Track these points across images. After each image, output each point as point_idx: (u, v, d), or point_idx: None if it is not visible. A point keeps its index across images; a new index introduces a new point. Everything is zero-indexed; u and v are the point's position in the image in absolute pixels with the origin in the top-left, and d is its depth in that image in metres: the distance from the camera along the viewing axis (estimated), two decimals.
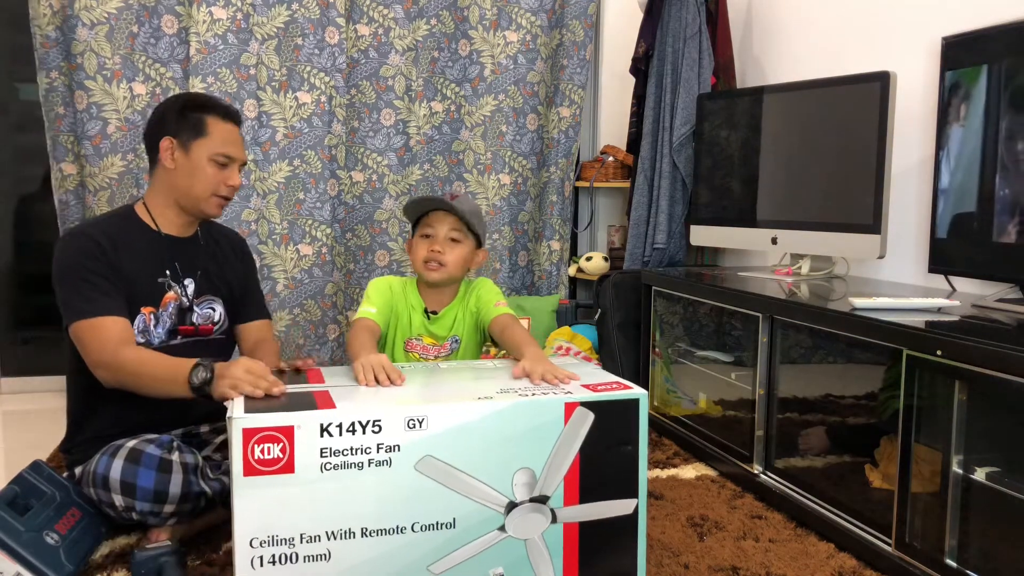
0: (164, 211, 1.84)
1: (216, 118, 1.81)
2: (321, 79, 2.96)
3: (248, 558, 1.23)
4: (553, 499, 1.37)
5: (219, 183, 1.81)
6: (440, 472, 1.30)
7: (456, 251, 1.85)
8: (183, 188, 1.81)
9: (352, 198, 3.13)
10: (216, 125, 1.80)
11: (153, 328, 1.78)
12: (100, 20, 2.72)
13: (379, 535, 1.29)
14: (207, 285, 1.89)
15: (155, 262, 1.80)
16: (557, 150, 3.33)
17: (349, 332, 1.78)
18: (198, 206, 1.83)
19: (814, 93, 2.32)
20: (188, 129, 1.78)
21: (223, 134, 1.81)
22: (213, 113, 1.81)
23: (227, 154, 1.81)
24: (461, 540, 1.33)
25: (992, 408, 1.45)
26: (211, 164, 1.79)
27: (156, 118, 1.82)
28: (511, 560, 1.36)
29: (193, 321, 1.85)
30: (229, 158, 1.82)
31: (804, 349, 1.95)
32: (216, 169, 1.80)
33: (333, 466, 1.25)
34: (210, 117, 1.80)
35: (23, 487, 1.59)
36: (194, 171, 1.79)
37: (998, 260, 1.76)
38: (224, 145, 1.81)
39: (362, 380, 1.46)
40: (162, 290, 1.80)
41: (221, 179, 1.81)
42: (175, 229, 1.86)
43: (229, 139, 1.82)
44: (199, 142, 1.79)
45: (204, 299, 1.88)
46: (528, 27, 3.21)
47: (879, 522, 1.66)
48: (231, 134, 1.83)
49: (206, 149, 1.79)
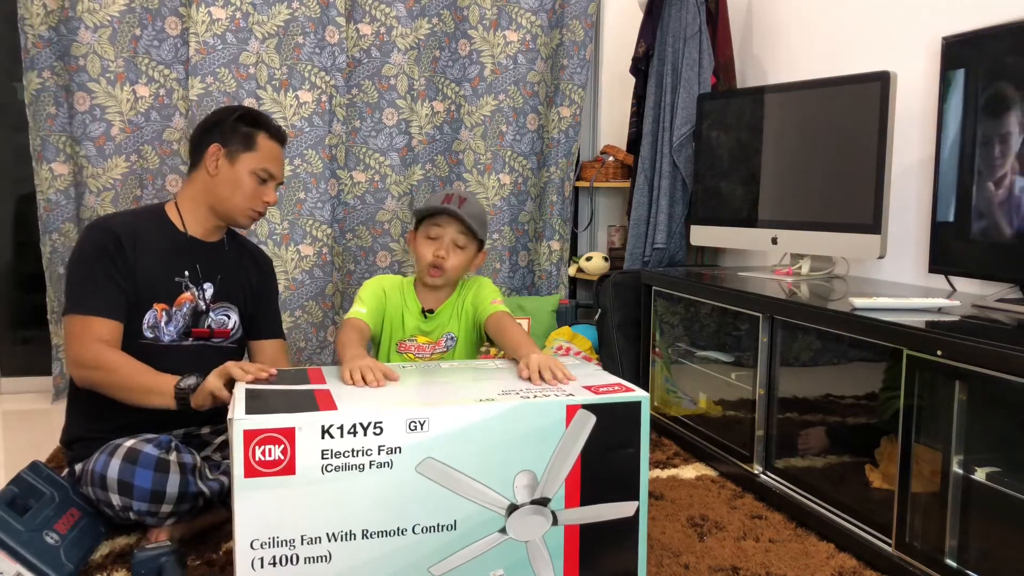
0: (195, 213, 1.86)
1: (266, 136, 1.86)
2: (321, 78, 2.95)
3: (249, 559, 1.23)
4: (554, 501, 1.37)
5: (256, 197, 1.86)
6: (441, 474, 1.30)
7: (459, 257, 1.88)
8: (220, 196, 1.84)
9: (353, 198, 3.13)
10: (265, 142, 1.85)
11: (164, 325, 1.79)
12: (103, 23, 2.73)
13: (380, 537, 1.29)
14: (224, 292, 1.89)
15: (175, 261, 1.82)
16: (557, 150, 3.33)
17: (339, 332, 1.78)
18: (232, 216, 1.87)
19: (814, 93, 2.32)
20: (238, 141, 1.83)
21: (270, 152, 1.86)
22: (265, 130, 1.86)
23: (270, 171, 1.86)
24: (462, 542, 1.33)
25: (992, 408, 1.45)
26: (252, 178, 1.84)
27: (209, 123, 1.86)
28: (512, 562, 1.36)
29: (208, 325, 1.86)
30: (271, 175, 1.87)
31: (804, 349, 1.95)
32: (256, 184, 1.85)
33: (334, 468, 1.25)
34: (261, 134, 1.85)
35: (22, 488, 1.60)
36: (235, 182, 1.83)
37: (998, 260, 1.76)
38: (268, 162, 1.86)
39: (348, 383, 1.47)
40: (179, 289, 1.81)
41: (259, 194, 1.86)
42: (202, 232, 1.87)
43: (274, 157, 1.87)
44: (246, 155, 1.83)
45: (220, 305, 1.89)
46: (528, 27, 3.20)
47: (879, 522, 1.66)
48: (277, 153, 1.89)
49: (251, 163, 1.83)
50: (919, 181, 2.27)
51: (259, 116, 1.90)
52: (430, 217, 1.88)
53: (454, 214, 1.85)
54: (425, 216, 1.90)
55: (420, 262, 1.89)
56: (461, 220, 1.85)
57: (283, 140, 1.92)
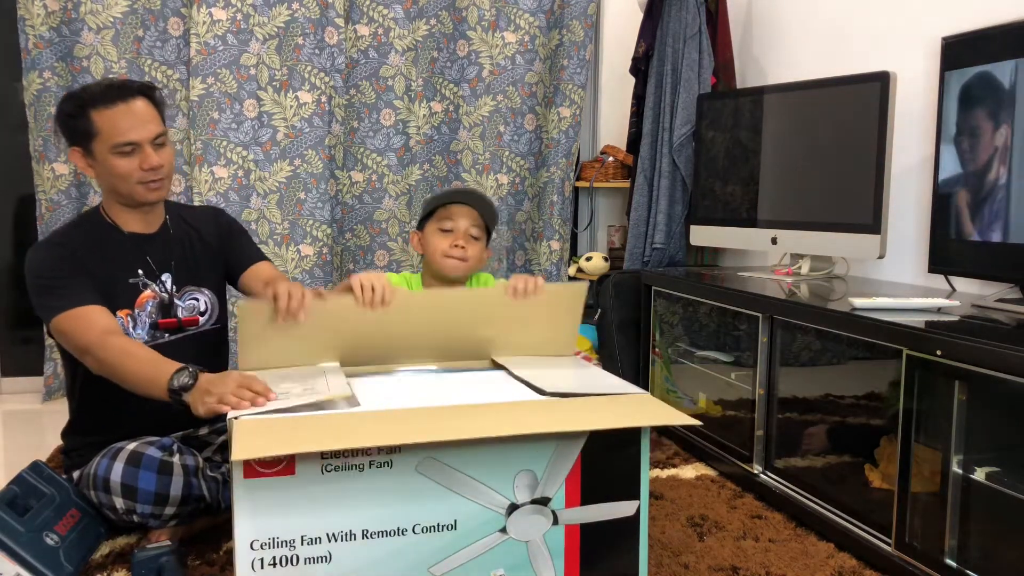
0: (118, 211, 1.78)
1: (99, 109, 1.66)
2: (321, 79, 2.96)
3: (249, 560, 1.23)
4: (555, 501, 1.37)
5: (133, 171, 1.69)
6: (441, 474, 1.30)
7: (476, 247, 1.86)
8: (111, 187, 1.74)
9: (351, 198, 3.13)
10: (102, 116, 1.66)
11: (132, 330, 1.75)
12: (106, 24, 2.74)
13: (380, 537, 1.29)
14: (186, 276, 1.84)
15: (125, 263, 1.76)
16: (557, 150, 3.33)
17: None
18: (132, 198, 1.73)
19: (814, 93, 2.32)
20: (81, 133, 1.68)
21: (112, 122, 1.66)
22: (93, 106, 1.66)
23: (125, 141, 1.66)
24: (462, 542, 1.33)
25: (992, 408, 1.45)
26: (117, 156, 1.67)
27: (60, 132, 1.74)
28: (512, 562, 1.36)
29: (176, 315, 1.81)
30: (131, 143, 1.67)
31: (804, 349, 1.95)
32: (125, 159, 1.68)
33: (334, 468, 1.25)
34: (92, 111, 1.66)
35: (23, 488, 1.59)
36: (108, 170, 1.70)
37: (998, 260, 1.76)
38: (117, 135, 1.66)
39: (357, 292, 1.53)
40: (136, 290, 1.77)
41: (134, 166, 1.69)
42: (137, 226, 1.80)
43: (122, 124, 1.66)
44: (95, 142, 1.67)
45: (186, 291, 1.84)
46: (526, 28, 3.21)
47: (879, 522, 1.66)
48: (123, 116, 1.66)
49: (104, 146, 1.67)
50: (919, 181, 2.27)
51: (81, 93, 1.69)
52: (443, 208, 1.86)
53: (469, 202, 1.84)
54: (436, 208, 1.87)
55: (434, 256, 1.86)
56: (476, 210, 1.84)
57: (124, 93, 1.68)
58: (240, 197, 2.90)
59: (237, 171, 2.90)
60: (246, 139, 2.90)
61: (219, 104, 2.84)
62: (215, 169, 2.86)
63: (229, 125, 2.87)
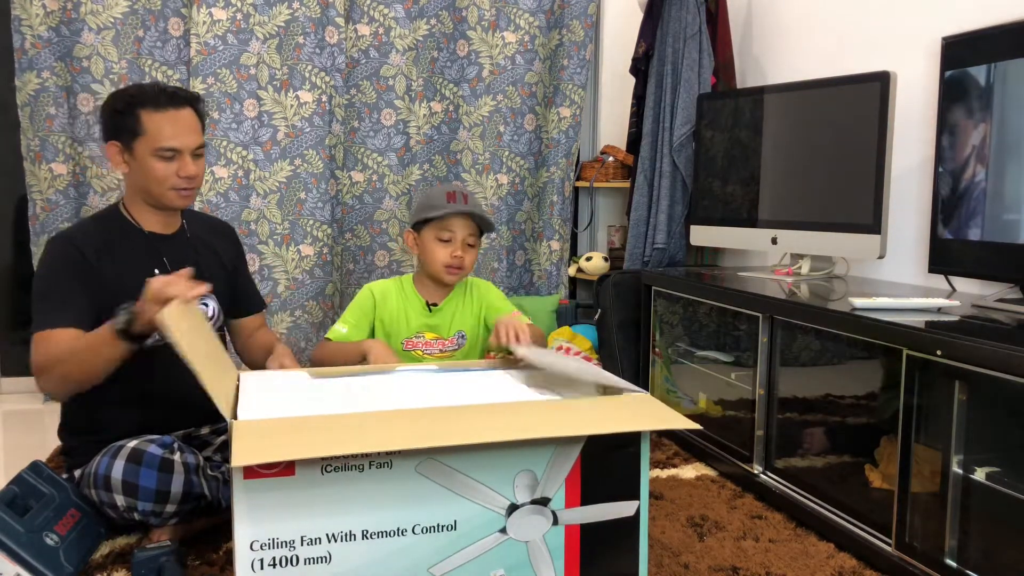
0: (140, 210, 1.81)
1: (148, 111, 1.70)
2: (321, 78, 2.95)
3: (248, 561, 1.23)
4: (554, 501, 1.37)
5: (170, 176, 1.73)
6: (441, 474, 1.30)
7: (472, 255, 1.95)
8: (141, 187, 1.77)
9: (351, 198, 3.13)
10: (151, 118, 1.70)
11: None
12: (106, 24, 2.73)
13: (380, 537, 1.28)
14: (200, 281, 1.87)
15: (144, 261, 1.78)
16: (557, 150, 3.33)
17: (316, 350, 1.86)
18: (161, 201, 1.77)
19: (814, 93, 2.32)
20: (126, 130, 1.71)
21: (159, 126, 1.70)
22: (143, 106, 1.70)
23: (168, 147, 1.71)
24: (462, 542, 1.33)
25: (992, 408, 1.45)
26: (157, 159, 1.71)
27: (101, 124, 1.78)
28: (512, 562, 1.36)
29: None
30: (173, 150, 1.72)
31: (804, 349, 1.95)
32: (164, 163, 1.72)
33: (334, 468, 1.25)
34: (142, 111, 1.70)
35: (22, 488, 1.59)
36: (144, 171, 1.73)
37: (998, 260, 1.76)
38: (163, 139, 1.70)
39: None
40: None
41: (172, 172, 1.73)
42: (157, 226, 1.83)
43: (168, 130, 1.71)
44: (139, 141, 1.71)
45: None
46: (526, 28, 3.20)
47: (879, 522, 1.66)
48: (170, 122, 1.71)
49: (147, 147, 1.71)
50: (919, 181, 2.27)
51: (135, 92, 1.73)
52: (440, 220, 1.89)
53: (466, 213, 1.87)
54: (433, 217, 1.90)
55: (433, 264, 1.91)
56: (472, 219, 1.90)
57: (175, 101, 1.73)
58: (240, 197, 2.90)
59: (237, 171, 2.90)
60: (246, 139, 2.90)
61: (219, 104, 2.84)
62: (215, 169, 2.86)
63: (229, 125, 2.87)
